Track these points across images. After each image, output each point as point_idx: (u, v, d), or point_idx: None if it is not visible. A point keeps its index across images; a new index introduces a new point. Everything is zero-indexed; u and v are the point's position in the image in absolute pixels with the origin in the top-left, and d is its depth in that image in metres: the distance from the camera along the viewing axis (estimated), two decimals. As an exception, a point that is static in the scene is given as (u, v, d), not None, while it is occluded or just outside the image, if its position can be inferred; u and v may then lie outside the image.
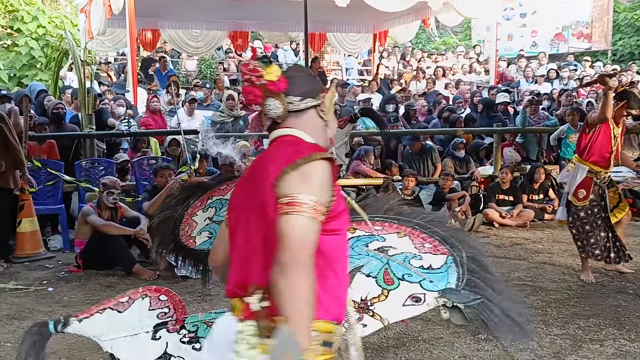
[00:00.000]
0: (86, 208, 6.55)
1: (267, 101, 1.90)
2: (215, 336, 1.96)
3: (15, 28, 14.89)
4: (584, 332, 4.51)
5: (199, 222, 4.41)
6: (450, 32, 25.18)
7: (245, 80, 1.92)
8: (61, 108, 8.43)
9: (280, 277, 1.70)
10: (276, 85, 1.89)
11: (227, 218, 2.04)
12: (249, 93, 1.91)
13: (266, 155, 1.94)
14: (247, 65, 1.92)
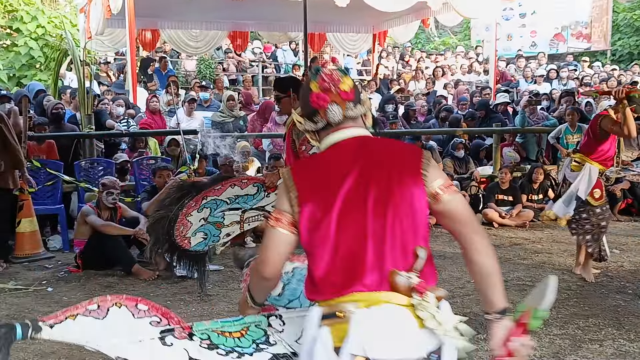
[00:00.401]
0: (85, 208, 6.54)
1: (332, 106, 2.05)
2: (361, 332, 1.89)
3: (15, 28, 14.87)
4: (583, 332, 4.51)
5: (194, 222, 4.40)
6: (450, 32, 25.18)
7: (323, 87, 2.05)
8: (60, 108, 8.43)
9: (482, 240, 2.00)
10: (347, 95, 2.07)
11: (349, 207, 1.96)
12: (321, 99, 2.05)
13: (379, 151, 2.05)
14: (331, 75, 2.10)
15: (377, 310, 1.89)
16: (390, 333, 1.88)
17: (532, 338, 2.07)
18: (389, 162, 2.01)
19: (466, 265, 2.06)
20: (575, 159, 6.01)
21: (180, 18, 12.69)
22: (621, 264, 6.45)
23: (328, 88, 2.06)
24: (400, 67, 17.13)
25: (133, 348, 2.29)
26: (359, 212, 1.94)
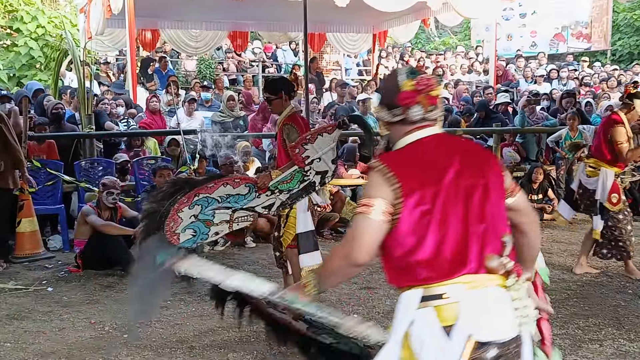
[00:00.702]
0: (86, 208, 6.54)
1: (415, 107, 2.20)
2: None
3: (15, 28, 14.87)
4: (583, 332, 4.51)
5: (184, 218, 4.42)
6: (450, 32, 25.19)
7: (417, 88, 2.19)
8: (60, 108, 8.43)
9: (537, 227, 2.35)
10: (433, 101, 2.22)
11: (449, 198, 2.11)
12: (409, 98, 2.19)
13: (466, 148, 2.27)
14: (428, 81, 2.22)
15: (482, 292, 2.06)
16: (496, 314, 2.05)
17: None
18: (478, 158, 2.23)
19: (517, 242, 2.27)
20: (590, 164, 5.91)
21: (180, 18, 12.68)
22: (621, 264, 6.44)
23: (420, 91, 2.20)
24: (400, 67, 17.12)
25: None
26: (462, 201, 2.11)
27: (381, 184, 2.10)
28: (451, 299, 2.03)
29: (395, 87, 2.22)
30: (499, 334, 2.03)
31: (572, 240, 7.61)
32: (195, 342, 4.36)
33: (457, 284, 2.05)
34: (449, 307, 2.03)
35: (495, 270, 2.09)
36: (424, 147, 2.19)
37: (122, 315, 4.92)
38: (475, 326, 2.00)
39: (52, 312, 5.02)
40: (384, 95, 2.30)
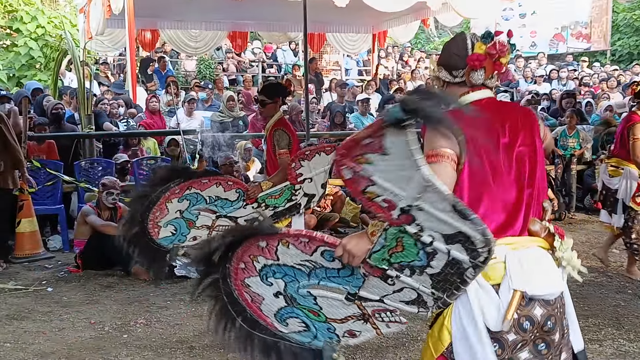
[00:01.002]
0: (85, 208, 6.55)
1: (480, 70, 2.25)
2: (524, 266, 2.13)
3: (15, 28, 14.86)
4: (583, 332, 4.43)
5: (171, 211, 4.28)
6: (450, 32, 25.19)
7: (489, 52, 2.24)
8: (60, 108, 8.43)
9: None
10: (499, 68, 2.30)
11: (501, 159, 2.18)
12: (479, 60, 2.24)
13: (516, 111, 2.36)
14: (503, 46, 2.26)
15: (527, 252, 2.15)
16: (540, 271, 2.14)
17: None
18: (527, 123, 2.29)
19: None
20: (612, 164, 5.90)
21: (179, 18, 12.68)
22: (621, 264, 6.45)
23: (492, 55, 2.25)
24: (400, 67, 17.12)
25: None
26: (515, 165, 2.19)
27: (448, 135, 2.07)
28: (497, 259, 2.07)
29: (463, 49, 2.28)
30: (543, 290, 2.12)
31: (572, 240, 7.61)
32: (195, 342, 4.36)
33: (502, 245, 2.09)
34: (496, 267, 2.10)
35: (537, 233, 2.19)
36: (482, 108, 2.21)
37: (122, 316, 4.93)
38: (521, 282, 2.08)
39: (52, 312, 5.02)
40: (445, 56, 2.35)
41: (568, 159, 9.26)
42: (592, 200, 9.50)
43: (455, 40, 2.36)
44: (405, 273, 2.13)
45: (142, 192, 4.38)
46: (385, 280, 2.19)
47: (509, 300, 2.07)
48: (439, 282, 2.10)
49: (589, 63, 17.79)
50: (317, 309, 2.39)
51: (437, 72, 2.35)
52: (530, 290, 2.09)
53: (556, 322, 2.16)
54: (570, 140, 9.28)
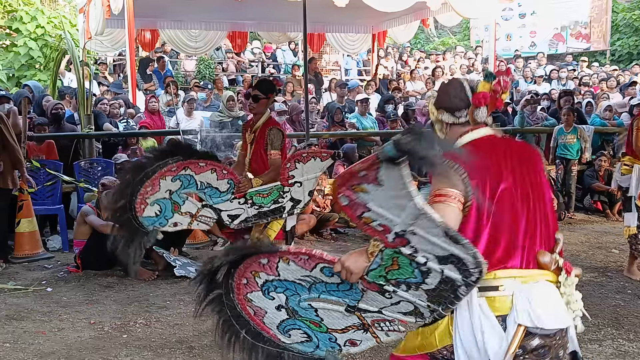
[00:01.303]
0: (85, 208, 6.54)
1: (484, 108, 2.35)
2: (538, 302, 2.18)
3: (14, 28, 14.86)
4: (582, 332, 4.50)
5: (162, 189, 4.22)
6: (449, 33, 25.19)
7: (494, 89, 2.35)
8: (60, 108, 8.43)
9: None
10: (499, 105, 2.41)
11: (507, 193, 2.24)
12: (485, 98, 2.34)
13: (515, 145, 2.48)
14: (507, 84, 2.38)
15: (535, 285, 2.19)
16: (547, 305, 2.18)
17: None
18: (530, 157, 2.37)
19: None
20: (625, 162, 5.90)
21: (179, 18, 12.69)
22: (621, 264, 6.45)
23: (497, 91, 2.35)
24: (400, 67, 17.12)
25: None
26: (520, 198, 2.24)
27: (452, 175, 2.16)
28: (505, 292, 2.16)
29: (464, 91, 2.38)
30: (547, 325, 2.17)
31: (572, 240, 7.62)
32: (194, 342, 4.36)
33: (511, 277, 2.17)
34: (503, 299, 2.17)
35: (546, 266, 2.22)
36: (485, 144, 2.32)
37: (122, 316, 4.93)
38: (528, 318, 2.14)
39: (52, 313, 5.01)
40: (445, 99, 2.41)
41: (569, 160, 9.27)
42: (592, 201, 9.51)
43: (452, 84, 2.45)
44: (402, 288, 2.22)
45: (139, 163, 4.31)
46: (383, 294, 2.28)
47: (512, 334, 2.15)
48: (435, 297, 2.19)
49: (588, 63, 17.80)
50: (318, 320, 2.46)
51: (438, 115, 2.42)
52: (535, 326, 2.15)
53: (549, 351, 2.22)
54: (569, 136, 9.29)
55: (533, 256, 2.22)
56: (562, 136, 9.32)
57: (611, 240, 7.61)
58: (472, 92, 2.37)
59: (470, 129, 2.36)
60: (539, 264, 2.23)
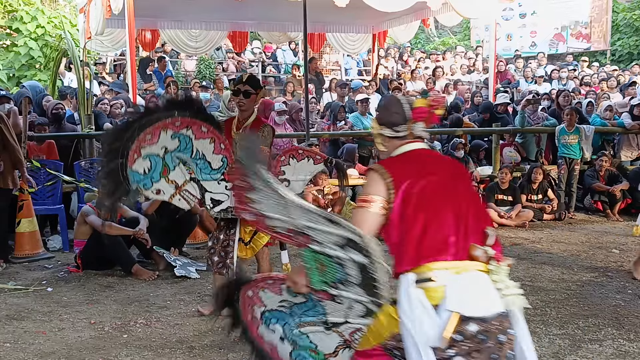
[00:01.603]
0: (85, 208, 6.54)
1: (420, 123, 2.62)
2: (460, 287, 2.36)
3: (14, 28, 14.86)
4: (583, 332, 4.51)
5: (160, 142, 3.96)
6: (450, 32, 25.19)
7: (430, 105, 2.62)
8: (60, 108, 8.43)
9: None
10: (434, 120, 2.72)
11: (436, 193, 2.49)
12: (421, 113, 2.62)
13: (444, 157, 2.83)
14: (439, 101, 2.68)
15: (466, 276, 2.38)
16: (478, 294, 2.36)
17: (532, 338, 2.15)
18: (458, 168, 2.72)
19: None
20: None
21: (179, 18, 12.68)
22: (621, 264, 6.46)
23: (432, 107, 2.63)
24: (400, 67, 17.12)
25: None
26: (450, 198, 2.48)
27: (378, 181, 2.46)
28: (438, 282, 2.35)
29: (399, 108, 2.64)
30: (479, 311, 2.33)
31: (572, 240, 7.62)
32: (195, 342, 4.36)
33: (443, 269, 2.37)
34: (437, 289, 2.34)
35: (478, 258, 2.41)
36: (415, 155, 2.61)
37: (122, 316, 4.93)
38: (459, 304, 2.31)
39: (52, 313, 5.01)
40: (386, 115, 2.67)
41: (571, 159, 9.26)
42: (592, 200, 9.51)
43: (392, 101, 2.71)
44: (341, 288, 2.41)
45: (148, 109, 4.05)
46: (334, 301, 2.47)
47: (446, 320, 2.29)
48: (369, 289, 2.39)
49: (588, 63, 17.79)
50: (314, 347, 2.64)
51: (379, 130, 2.68)
52: (466, 312, 2.30)
53: (489, 336, 2.33)
54: (571, 137, 9.28)
55: (466, 249, 2.42)
56: (564, 136, 9.31)
57: (612, 240, 7.61)
58: (410, 108, 2.62)
59: (407, 142, 2.63)
60: (471, 256, 2.42)
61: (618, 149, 10.41)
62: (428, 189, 2.47)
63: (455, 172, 2.62)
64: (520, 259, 6.68)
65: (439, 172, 2.56)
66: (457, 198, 2.51)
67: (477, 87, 14.66)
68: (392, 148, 2.66)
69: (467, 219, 2.48)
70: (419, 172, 2.51)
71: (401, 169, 2.51)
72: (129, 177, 3.95)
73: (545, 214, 8.88)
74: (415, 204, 2.44)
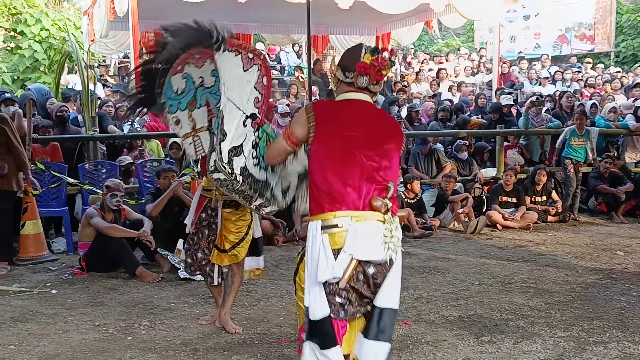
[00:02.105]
0: (90, 210, 6.55)
1: (365, 76, 2.89)
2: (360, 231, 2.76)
3: (19, 31, 14.92)
4: (587, 334, 4.50)
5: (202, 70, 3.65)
6: (453, 34, 25.16)
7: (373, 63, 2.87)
8: (65, 111, 8.45)
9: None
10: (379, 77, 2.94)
11: (352, 146, 2.81)
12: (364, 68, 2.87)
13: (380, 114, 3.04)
14: (385, 61, 2.88)
15: (366, 224, 2.75)
16: (374, 241, 2.75)
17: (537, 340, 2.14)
18: (386, 123, 2.98)
19: None
20: None
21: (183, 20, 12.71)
22: (625, 266, 6.44)
23: (375, 66, 2.87)
24: (404, 68, 17.12)
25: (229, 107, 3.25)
26: (364, 150, 2.78)
27: (302, 121, 2.85)
28: (342, 228, 2.73)
29: (357, 57, 2.89)
30: (375, 255, 2.77)
31: (576, 242, 7.61)
32: (199, 344, 4.36)
33: (347, 217, 2.74)
34: (340, 234, 2.73)
35: (378, 209, 2.76)
36: (351, 105, 2.89)
37: (126, 318, 4.93)
38: (358, 249, 2.72)
39: (56, 315, 5.02)
40: (343, 59, 2.96)
41: (577, 162, 9.24)
42: (596, 202, 9.49)
43: (354, 48, 2.96)
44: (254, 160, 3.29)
45: (200, 26, 3.76)
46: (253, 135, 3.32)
47: (345, 261, 2.72)
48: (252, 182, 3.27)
49: (592, 65, 17.76)
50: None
51: (335, 71, 2.95)
52: (360, 257, 2.73)
53: (379, 276, 2.82)
54: (580, 140, 9.27)
55: (368, 200, 2.76)
56: (574, 138, 9.27)
57: (616, 242, 7.59)
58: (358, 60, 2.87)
59: (352, 90, 2.92)
60: (372, 207, 2.75)
61: (622, 151, 10.39)
62: (347, 140, 2.77)
63: (381, 130, 2.88)
64: (525, 261, 6.68)
65: (364, 127, 2.83)
66: (371, 153, 2.79)
67: (481, 89, 14.64)
68: (340, 91, 2.95)
69: (375, 173, 2.79)
70: (345, 124, 2.81)
71: (330, 116, 2.83)
72: (163, 86, 3.66)
73: (549, 215, 8.87)
74: (328, 154, 2.77)
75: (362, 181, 2.76)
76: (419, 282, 5.83)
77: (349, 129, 2.79)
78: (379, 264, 2.78)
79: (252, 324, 4.70)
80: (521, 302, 5.21)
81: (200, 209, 4.46)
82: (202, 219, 4.47)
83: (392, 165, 2.88)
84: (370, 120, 2.87)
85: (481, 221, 8.26)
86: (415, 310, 5.01)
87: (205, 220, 4.46)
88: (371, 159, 2.78)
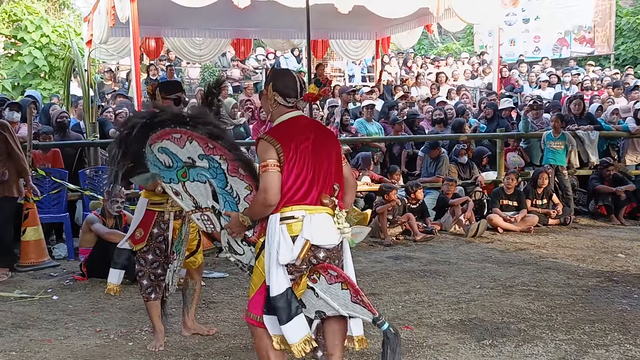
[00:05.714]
0: (90, 216, 6.56)
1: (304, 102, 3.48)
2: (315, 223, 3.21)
3: (19, 37, 14.95)
4: (589, 337, 4.50)
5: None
6: (453, 38, 25.20)
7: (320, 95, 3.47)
8: (65, 117, 8.46)
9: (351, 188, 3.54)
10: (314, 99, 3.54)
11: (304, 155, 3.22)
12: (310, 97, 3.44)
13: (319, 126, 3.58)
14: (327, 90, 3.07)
15: (318, 215, 3.23)
16: (324, 229, 3.23)
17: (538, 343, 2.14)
18: (328, 134, 3.47)
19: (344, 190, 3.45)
20: None
21: (183, 26, 12.74)
22: (627, 269, 6.44)
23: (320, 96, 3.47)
24: (404, 72, 17.14)
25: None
26: (315, 158, 3.25)
27: (270, 148, 3.17)
28: (298, 219, 3.18)
29: (296, 85, 3.31)
30: (325, 241, 3.23)
31: (577, 245, 7.60)
32: (200, 349, 4.35)
33: (302, 209, 3.19)
34: (296, 224, 3.18)
35: (327, 205, 3.24)
36: (295, 122, 3.31)
37: (127, 323, 4.93)
38: (311, 235, 3.17)
39: (58, 321, 5.02)
40: (282, 86, 3.29)
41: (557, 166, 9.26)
42: (597, 205, 9.48)
43: (289, 76, 3.35)
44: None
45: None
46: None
47: (299, 245, 3.15)
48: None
49: (593, 67, 17.79)
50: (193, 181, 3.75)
51: (273, 95, 3.30)
52: (314, 241, 3.17)
53: (331, 260, 3.27)
54: (556, 143, 9.29)
55: (319, 198, 3.22)
56: (550, 142, 9.32)
57: (617, 245, 7.59)
58: (301, 89, 3.30)
59: (291, 110, 3.33)
60: (322, 203, 3.23)
61: (622, 153, 10.39)
62: (301, 151, 3.19)
63: (322, 139, 3.33)
64: (526, 264, 6.67)
65: (310, 137, 3.26)
66: (320, 158, 3.25)
67: (481, 93, 14.65)
68: (278, 113, 3.33)
69: (324, 175, 3.26)
70: (297, 137, 3.22)
71: (285, 136, 3.20)
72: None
73: (550, 218, 8.86)
74: (291, 162, 3.17)
75: (314, 182, 3.22)
76: (420, 286, 5.83)
77: (303, 142, 3.23)
78: (328, 250, 3.25)
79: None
80: (522, 305, 5.21)
81: (151, 225, 4.26)
82: (155, 235, 4.28)
83: (337, 167, 3.36)
84: (313, 132, 3.32)
85: (482, 225, 8.26)
86: (416, 314, 5.01)
87: (160, 235, 4.29)
88: (321, 163, 3.26)
